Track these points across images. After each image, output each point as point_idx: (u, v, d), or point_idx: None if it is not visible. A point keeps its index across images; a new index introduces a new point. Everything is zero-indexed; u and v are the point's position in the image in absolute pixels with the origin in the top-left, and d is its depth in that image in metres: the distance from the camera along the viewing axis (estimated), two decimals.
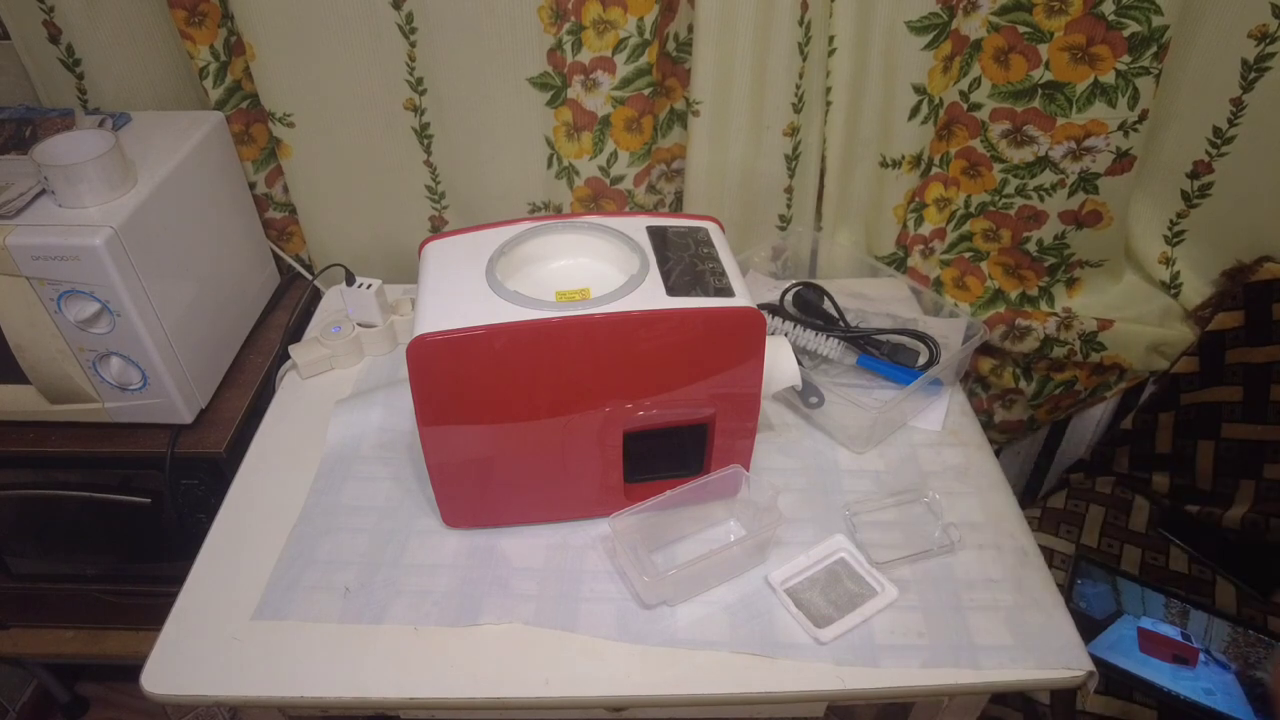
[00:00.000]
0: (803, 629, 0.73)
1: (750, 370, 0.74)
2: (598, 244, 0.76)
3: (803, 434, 0.93)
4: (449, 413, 0.71)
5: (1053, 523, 1.13)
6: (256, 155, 1.09)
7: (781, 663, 0.70)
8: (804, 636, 0.72)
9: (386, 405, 0.94)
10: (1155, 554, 1.08)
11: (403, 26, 0.96)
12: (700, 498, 0.80)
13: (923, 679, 0.69)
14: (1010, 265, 1.13)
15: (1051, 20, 0.92)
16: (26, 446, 0.94)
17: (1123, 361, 1.12)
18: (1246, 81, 0.92)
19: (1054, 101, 0.96)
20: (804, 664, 0.70)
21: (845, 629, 0.72)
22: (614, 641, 0.72)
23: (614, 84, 0.98)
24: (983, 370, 1.21)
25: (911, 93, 0.98)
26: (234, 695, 0.69)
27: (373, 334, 1.02)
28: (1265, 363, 1.02)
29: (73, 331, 0.85)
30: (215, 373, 1.01)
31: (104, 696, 1.44)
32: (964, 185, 1.09)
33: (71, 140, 0.86)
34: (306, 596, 0.76)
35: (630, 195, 1.08)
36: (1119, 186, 1.00)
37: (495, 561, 0.79)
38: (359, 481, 0.87)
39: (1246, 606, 1.01)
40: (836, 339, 0.97)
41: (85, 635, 1.19)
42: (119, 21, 0.97)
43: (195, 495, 0.96)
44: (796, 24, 0.93)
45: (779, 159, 1.05)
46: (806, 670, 0.70)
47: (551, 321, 0.66)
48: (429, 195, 1.13)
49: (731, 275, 0.72)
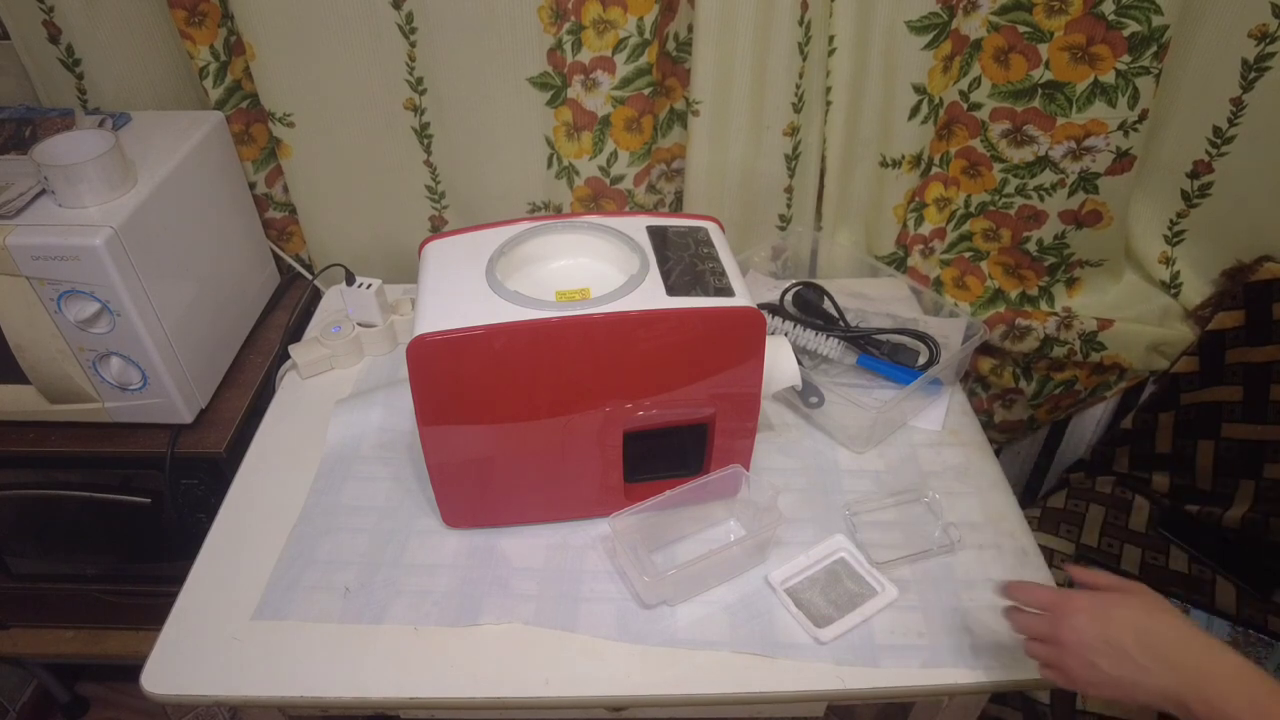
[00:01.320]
0: (803, 629, 0.73)
1: (750, 370, 0.74)
2: (598, 244, 0.76)
3: (803, 434, 0.93)
4: (449, 413, 0.71)
5: (1053, 523, 1.13)
6: (256, 155, 1.09)
7: (781, 663, 0.70)
8: (804, 636, 0.72)
9: (386, 405, 0.94)
10: (1155, 554, 1.08)
11: (403, 26, 0.96)
12: (700, 498, 0.80)
13: (923, 679, 0.69)
14: (1010, 265, 1.13)
15: (1051, 20, 0.92)
16: (26, 446, 0.94)
17: (1123, 361, 1.12)
18: (1246, 81, 0.92)
19: (1054, 101, 0.96)
20: (804, 664, 0.70)
21: (845, 629, 0.72)
22: (614, 641, 0.72)
23: (614, 84, 0.98)
24: (983, 370, 1.21)
25: (911, 92, 0.98)
26: (234, 695, 0.69)
27: (373, 334, 1.02)
28: (1265, 362, 1.01)
29: (73, 331, 0.85)
30: (215, 373, 1.01)
31: (104, 696, 1.44)
32: (964, 185, 1.09)
33: (71, 140, 0.86)
34: (306, 596, 0.76)
35: (630, 195, 1.08)
36: (1119, 186, 1.00)
37: (495, 561, 0.79)
38: (359, 481, 0.87)
39: (1246, 606, 1.01)
40: (836, 339, 0.97)
41: (85, 635, 1.19)
42: (119, 21, 0.97)
43: (195, 495, 0.96)
44: (796, 24, 0.93)
45: (779, 159, 1.05)
46: (806, 670, 0.70)
47: (551, 321, 0.66)
48: (429, 195, 1.12)
49: (731, 275, 0.72)
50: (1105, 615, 0.56)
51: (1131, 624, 0.55)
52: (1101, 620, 0.56)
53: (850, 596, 0.75)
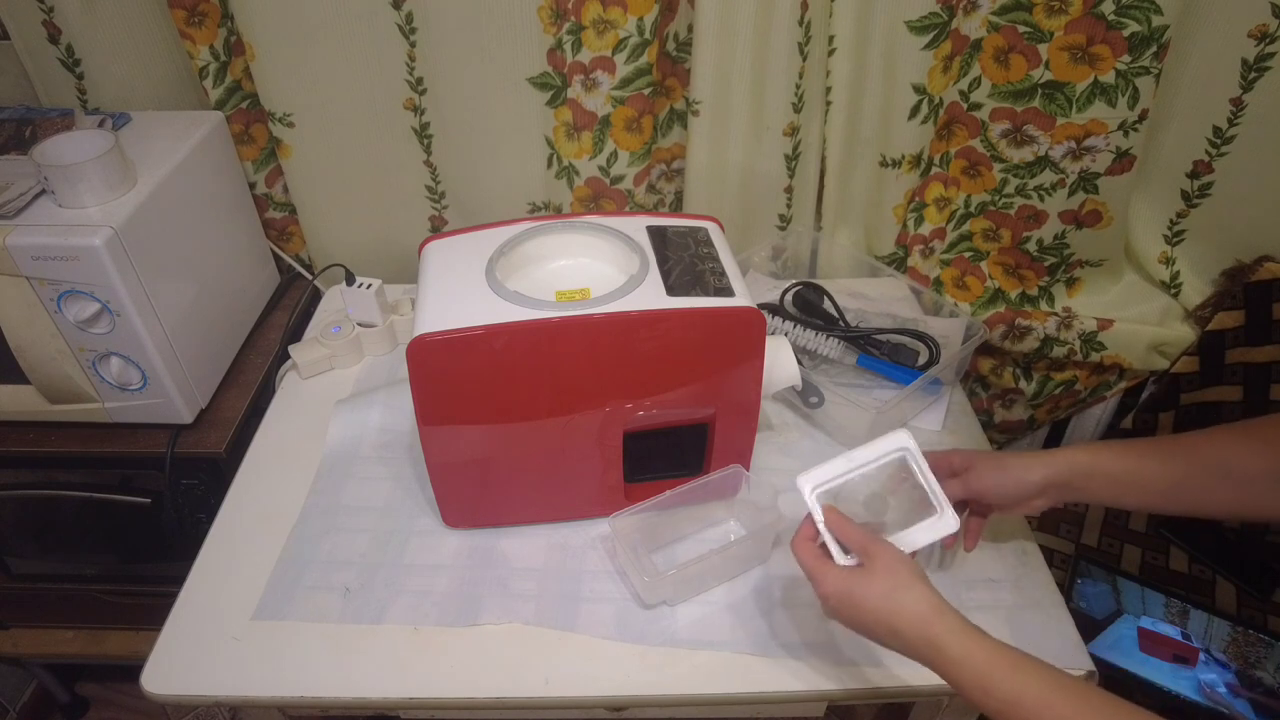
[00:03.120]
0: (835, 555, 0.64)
1: (750, 370, 0.74)
2: (598, 244, 0.76)
3: (803, 434, 0.93)
4: (449, 413, 0.71)
5: (1053, 523, 1.13)
6: (256, 155, 1.09)
7: (781, 663, 0.70)
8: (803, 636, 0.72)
9: (386, 405, 0.94)
10: (1155, 554, 1.08)
11: (403, 26, 0.96)
12: (700, 498, 0.80)
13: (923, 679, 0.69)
14: (1010, 265, 1.13)
15: (1051, 20, 0.92)
16: (26, 446, 0.94)
17: (1123, 361, 1.12)
18: (1246, 81, 0.92)
19: (1054, 101, 0.96)
20: (804, 664, 0.70)
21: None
22: (614, 641, 0.72)
23: (614, 84, 0.98)
24: (983, 370, 1.21)
25: (911, 92, 0.98)
26: (234, 695, 0.69)
27: (373, 334, 1.02)
28: (1265, 362, 1.01)
29: (73, 331, 0.85)
30: (215, 373, 1.01)
31: (104, 696, 1.44)
32: (964, 185, 1.09)
33: (71, 140, 0.86)
34: (306, 596, 0.76)
35: (630, 195, 1.08)
36: (1119, 186, 1.00)
37: (495, 561, 0.79)
38: (359, 481, 0.87)
39: (1246, 606, 1.01)
40: (836, 339, 0.97)
41: (85, 635, 1.19)
42: (119, 21, 0.97)
43: (195, 495, 0.96)
44: (796, 24, 0.93)
45: (779, 159, 1.05)
46: (806, 670, 0.70)
47: (551, 321, 0.66)
48: (429, 195, 1.12)
49: (731, 275, 0.72)
50: (854, 605, 0.60)
51: (876, 611, 0.59)
52: (847, 605, 0.61)
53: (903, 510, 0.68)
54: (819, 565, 0.63)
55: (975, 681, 0.55)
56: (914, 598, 0.58)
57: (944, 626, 0.57)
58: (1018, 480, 0.69)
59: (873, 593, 0.59)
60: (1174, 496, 0.67)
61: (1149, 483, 0.67)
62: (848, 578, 0.61)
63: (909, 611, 0.58)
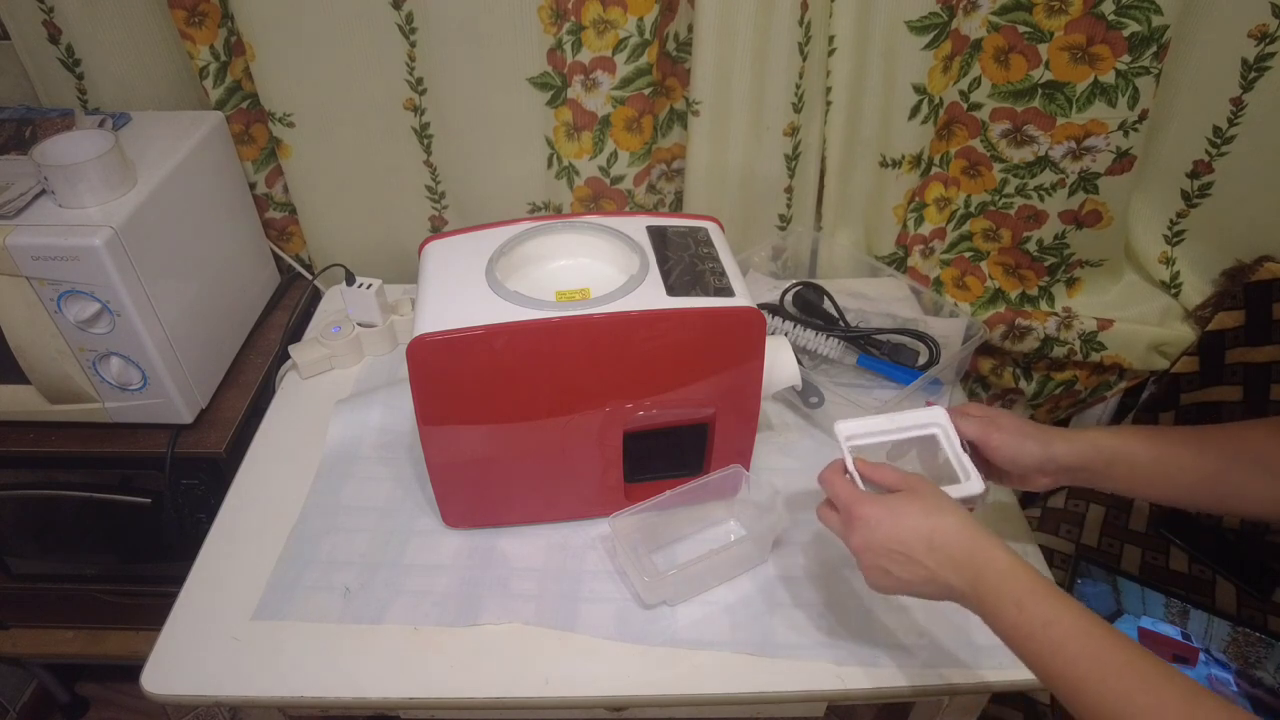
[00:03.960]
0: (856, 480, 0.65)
1: (750, 370, 0.74)
2: (598, 244, 0.76)
3: (803, 434, 0.93)
4: (449, 412, 0.71)
5: (1053, 523, 1.13)
6: (256, 155, 1.09)
7: (781, 663, 0.70)
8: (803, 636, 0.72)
9: (386, 405, 0.94)
10: (1155, 554, 1.08)
11: (403, 26, 0.96)
12: (700, 498, 0.80)
13: (923, 679, 0.69)
14: (1010, 265, 1.13)
15: (1051, 20, 0.92)
16: (26, 446, 0.94)
17: (1123, 361, 1.12)
18: (1246, 81, 0.92)
19: (1054, 101, 0.96)
20: (804, 664, 0.70)
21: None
22: (614, 641, 0.72)
23: (614, 84, 0.98)
24: (983, 370, 1.21)
25: (911, 92, 0.98)
26: (234, 695, 0.69)
27: (373, 334, 1.02)
28: (1265, 362, 1.01)
29: (73, 331, 0.85)
30: (215, 373, 1.01)
31: (104, 696, 1.44)
32: (964, 185, 1.09)
33: (71, 140, 0.86)
34: (306, 596, 0.76)
35: (630, 195, 1.08)
36: (1119, 186, 1.00)
37: (495, 561, 0.79)
38: (359, 481, 0.87)
39: (1246, 606, 1.01)
40: (836, 339, 0.97)
41: (85, 635, 1.19)
42: (119, 21, 0.97)
43: (195, 495, 0.96)
44: (796, 24, 0.93)
45: (779, 159, 1.05)
46: (806, 670, 0.70)
47: (551, 321, 0.66)
48: (429, 195, 1.13)
49: (731, 275, 0.72)
50: (894, 521, 0.59)
51: (916, 527, 0.58)
52: (889, 526, 0.59)
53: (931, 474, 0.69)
54: (854, 491, 0.63)
55: (1014, 596, 0.54)
56: (957, 516, 0.58)
57: (989, 541, 0.56)
58: (1033, 452, 0.67)
59: (913, 509, 0.59)
60: (1203, 490, 0.65)
61: (1178, 474, 0.65)
62: (886, 499, 0.60)
63: (951, 525, 0.57)
